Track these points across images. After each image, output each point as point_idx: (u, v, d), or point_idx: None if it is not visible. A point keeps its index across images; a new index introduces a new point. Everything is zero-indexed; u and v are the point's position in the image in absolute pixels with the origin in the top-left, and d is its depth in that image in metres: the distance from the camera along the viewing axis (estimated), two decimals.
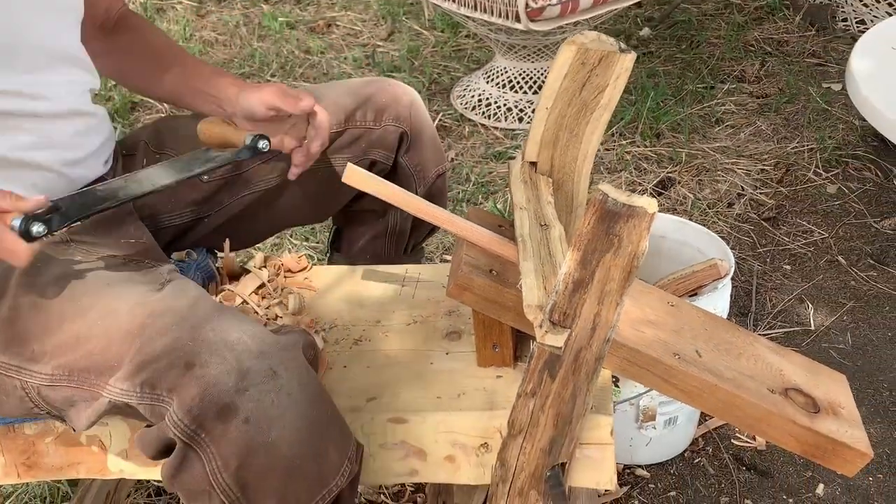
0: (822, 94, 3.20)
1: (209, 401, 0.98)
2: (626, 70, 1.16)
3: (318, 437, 1.03)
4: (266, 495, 1.01)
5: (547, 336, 0.97)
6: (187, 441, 0.99)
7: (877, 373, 2.10)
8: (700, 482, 1.88)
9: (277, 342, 1.04)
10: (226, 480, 1.00)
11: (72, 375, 1.07)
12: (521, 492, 1.07)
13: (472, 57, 3.54)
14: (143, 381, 1.01)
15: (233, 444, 0.98)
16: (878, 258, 2.47)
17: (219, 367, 0.99)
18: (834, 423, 1.14)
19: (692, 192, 2.72)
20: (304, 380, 1.03)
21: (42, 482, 1.84)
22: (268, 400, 0.99)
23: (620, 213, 0.91)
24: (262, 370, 1.00)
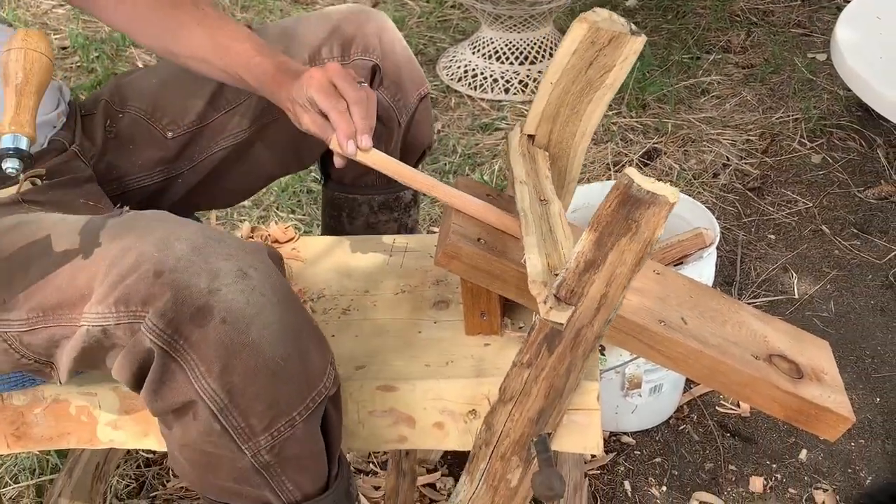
0: (807, 64, 3.20)
1: (183, 303, 0.96)
2: (634, 52, 1.17)
3: (298, 338, 1.01)
4: (253, 398, 0.99)
5: (551, 312, 0.97)
6: (166, 348, 0.97)
7: (859, 340, 2.13)
8: (685, 448, 1.90)
9: (243, 246, 1.03)
10: (211, 386, 0.98)
11: (46, 314, 1.04)
12: (504, 456, 1.08)
13: (458, 27, 3.52)
14: (116, 300, 0.98)
15: (213, 346, 0.96)
16: (862, 227, 2.49)
17: (188, 270, 0.97)
18: (817, 388, 1.15)
19: (678, 162, 2.73)
20: (276, 282, 1.01)
21: (31, 454, 1.85)
22: (242, 299, 0.97)
23: (643, 200, 0.91)
24: (233, 270, 0.98)
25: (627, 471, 1.86)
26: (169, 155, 1.40)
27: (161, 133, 1.39)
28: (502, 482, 1.09)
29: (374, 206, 1.55)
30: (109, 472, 1.72)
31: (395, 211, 1.58)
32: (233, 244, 1.02)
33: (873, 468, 1.84)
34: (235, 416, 1.00)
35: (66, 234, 1.07)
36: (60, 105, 1.33)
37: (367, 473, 1.85)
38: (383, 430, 1.19)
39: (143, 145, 1.38)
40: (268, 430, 1.01)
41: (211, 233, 1.03)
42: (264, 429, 1.01)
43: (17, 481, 1.83)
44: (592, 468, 1.85)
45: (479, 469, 1.09)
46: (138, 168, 1.39)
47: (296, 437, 1.03)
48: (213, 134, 1.40)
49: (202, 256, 0.99)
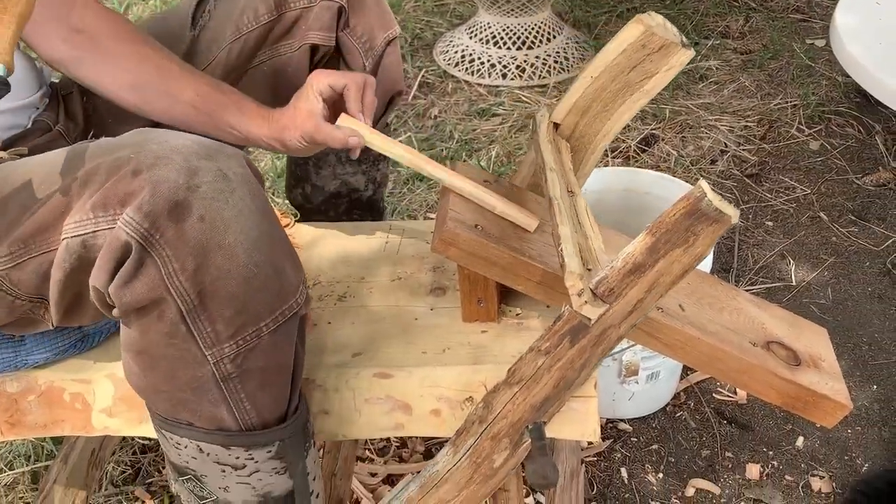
0: (805, 50, 3.19)
1: (161, 197, 0.94)
2: (680, 64, 1.16)
3: (274, 250, 0.99)
4: (223, 303, 0.97)
5: (585, 307, 0.96)
6: (142, 242, 0.94)
7: (856, 327, 2.13)
8: (682, 435, 1.90)
9: (223, 148, 1.00)
10: (182, 284, 0.95)
11: (28, 244, 1.02)
12: (496, 437, 1.08)
13: (455, 12, 3.50)
14: (94, 205, 0.96)
15: (189, 243, 0.94)
16: (860, 214, 2.48)
17: (167, 167, 0.95)
18: (815, 375, 1.15)
19: (675, 148, 2.72)
20: (254, 189, 1.00)
21: (26, 441, 1.84)
22: (221, 199, 0.95)
23: (708, 216, 0.91)
24: (212, 170, 0.96)
25: (624, 458, 1.86)
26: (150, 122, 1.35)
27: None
28: (486, 461, 1.08)
29: (340, 156, 1.53)
30: (105, 459, 1.72)
31: (364, 164, 1.56)
32: (212, 146, 1.00)
33: (870, 455, 1.84)
34: (203, 318, 0.97)
35: (44, 165, 1.04)
36: (42, 87, 1.32)
37: (363, 460, 1.85)
38: (380, 417, 1.19)
39: (121, 119, 1.35)
40: (233, 337, 0.99)
41: (190, 135, 1.01)
42: (230, 336, 0.99)
43: (13, 468, 1.82)
44: (589, 455, 1.85)
45: (466, 444, 1.08)
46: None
47: (261, 348, 1.01)
48: None
49: (181, 154, 0.96)
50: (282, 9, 1.38)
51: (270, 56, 1.40)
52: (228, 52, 1.38)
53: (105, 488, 1.80)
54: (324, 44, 1.40)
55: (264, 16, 1.37)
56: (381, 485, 1.79)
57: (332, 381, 1.18)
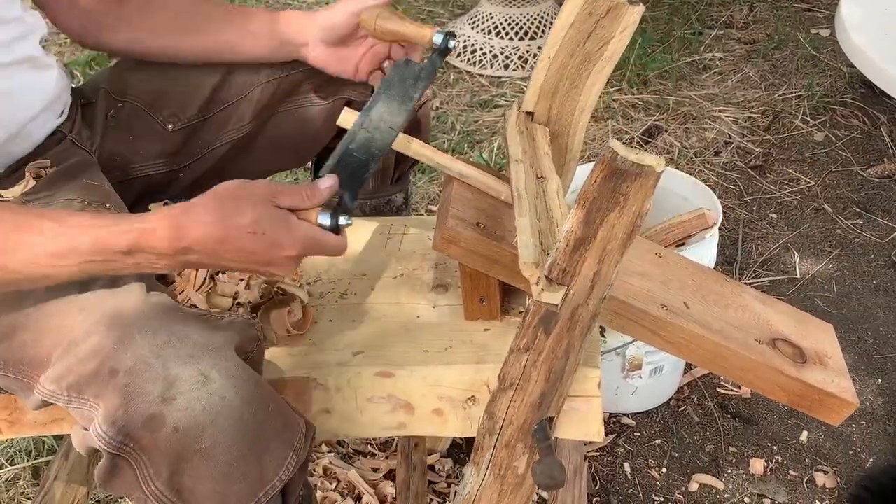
0: (810, 40, 3.17)
1: (133, 412, 0.93)
2: (632, 23, 1.14)
3: (257, 436, 0.98)
4: (203, 499, 0.97)
5: (544, 294, 0.95)
6: (114, 452, 0.95)
7: (861, 321, 2.12)
8: (685, 430, 1.89)
9: (210, 344, 0.99)
10: (158, 488, 0.96)
11: (8, 365, 1.04)
12: (508, 444, 1.07)
13: (457, 2, 3.48)
14: (70, 385, 0.97)
15: (163, 453, 0.94)
16: (864, 206, 2.47)
17: (143, 375, 0.94)
18: (821, 372, 1.14)
19: (679, 140, 2.70)
20: (239, 381, 0.98)
21: (27, 437, 1.84)
22: (198, 407, 0.94)
23: (629, 172, 0.89)
24: (192, 376, 0.95)
25: (627, 452, 1.85)
26: (170, 148, 1.39)
27: (161, 125, 1.38)
28: (509, 470, 1.07)
29: (365, 210, 1.56)
30: None
31: (387, 214, 1.58)
32: (198, 342, 0.98)
33: (874, 450, 1.83)
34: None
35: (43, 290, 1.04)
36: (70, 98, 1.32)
37: (364, 455, 1.84)
38: (382, 416, 1.18)
39: (144, 135, 1.37)
40: None
41: (176, 328, 0.99)
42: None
43: (13, 463, 1.82)
44: (592, 450, 1.84)
45: (485, 459, 1.07)
46: (140, 157, 1.38)
47: None
48: (215, 128, 1.40)
49: (161, 360, 0.95)
50: None
51: (302, 104, 1.41)
52: (261, 91, 1.39)
53: None
54: (358, 100, 1.41)
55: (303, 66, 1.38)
56: (383, 480, 1.79)
57: (333, 380, 1.16)
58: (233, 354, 1.00)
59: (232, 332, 1.03)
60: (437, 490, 1.77)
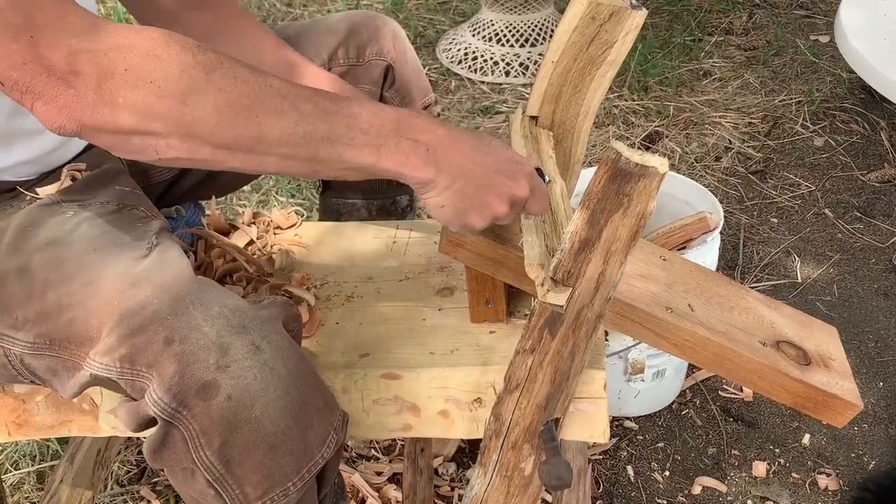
0: (809, 46, 3.18)
1: (189, 378, 0.95)
2: (635, 27, 1.14)
3: (302, 410, 1.01)
4: (250, 470, 0.99)
5: (549, 294, 0.96)
6: (168, 419, 0.97)
7: (862, 324, 2.12)
8: (688, 433, 1.90)
9: (258, 316, 1.02)
10: (209, 458, 0.98)
11: (53, 344, 1.04)
12: (515, 445, 1.07)
13: (458, 9, 3.50)
14: (123, 357, 0.98)
15: (215, 421, 0.96)
16: (865, 211, 2.48)
17: (198, 343, 0.96)
18: (825, 375, 1.14)
19: (680, 145, 2.71)
20: (287, 353, 1.01)
21: (32, 441, 1.84)
22: (250, 375, 0.96)
23: (632, 173, 0.89)
24: (244, 345, 0.97)
25: (630, 456, 1.85)
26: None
27: None
28: (516, 472, 1.08)
29: (372, 210, 1.57)
30: (111, 459, 1.72)
31: (393, 215, 1.59)
32: (248, 314, 1.01)
33: (876, 453, 1.84)
34: (231, 484, 1.00)
35: (89, 266, 1.06)
36: None
37: (368, 459, 1.85)
38: (388, 418, 1.18)
39: None
40: (261, 498, 1.01)
41: (227, 300, 1.02)
42: (258, 497, 1.01)
43: (18, 468, 1.82)
44: (595, 453, 1.85)
45: (492, 461, 1.08)
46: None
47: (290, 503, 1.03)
48: None
49: (214, 328, 0.98)
50: (332, 63, 1.42)
51: None
52: None
53: (111, 488, 1.80)
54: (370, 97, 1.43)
55: None
56: (387, 483, 1.79)
57: (339, 382, 1.17)
58: (280, 328, 1.02)
59: (277, 309, 1.06)
60: (441, 494, 1.77)
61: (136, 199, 1.23)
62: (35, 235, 1.11)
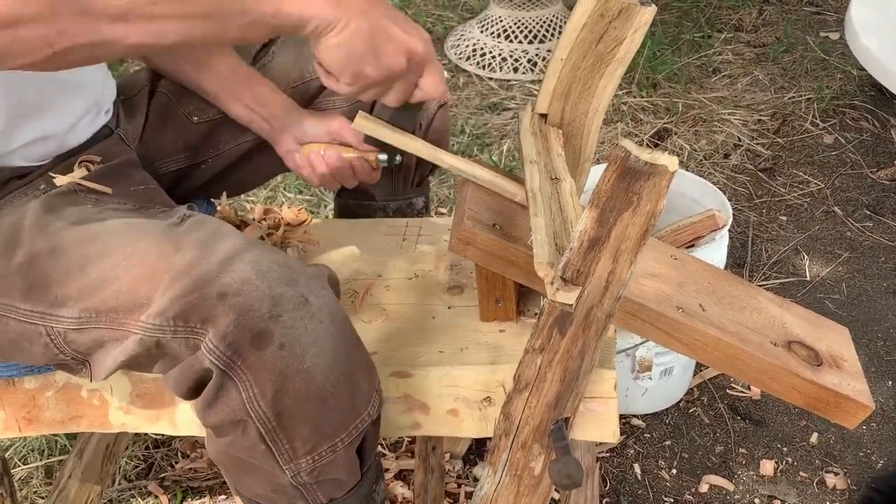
0: (819, 43, 3.17)
1: (244, 327, 0.97)
2: (644, 24, 1.14)
3: (348, 365, 1.03)
4: (301, 422, 1.01)
5: (559, 293, 0.96)
6: (224, 369, 0.98)
7: (871, 323, 2.12)
8: (695, 431, 1.89)
9: (306, 271, 1.04)
10: (262, 408, 0.99)
11: (100, 316, 1.04)
12: (525, 445, 1.07)
13: (466, 5, 3.49)
14: (176, 315, 0.99)
15: (269, 370, 0.98)
16: (875, 209, 2.47)
17: (251, 294, 0.98)
18: (836, 375, 1.14)
19: (689, 142, 2.70)
20: (333, 308, 1.03)
21: (40, 436, 1.84)
22: (301, 326, 0.99)
23: (641, 171, 0.89)
24: (294, 297, 0.99)
25: (637, 454, 1.85)
26: (193, 140, 1.40)
27: (187, 116, 1.39)
28: (525, 471, 1.08)
29: (388, 211, 1.57)
30: (119, 454, 1.72)
31: (408, 216, 1.59)
32: (296, 269, 1.03)
33: (885, 452, 1.83)
34: (281, 437, 1.02)
35: (128, 239, 1.07)
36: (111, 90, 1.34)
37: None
38: (397, 416, 1.18)
39: (172, 127, 1.39)
40: (310, 453, 1.04)
41: (274, 255, 1.04)
42: (307, 452, 1.03)
43: (27, 462, 1.83)
44: (602, 451, 1.85)
45: (501, 460, 1.08)
46: (166, 152, 1.39)
47: (336, 461, 1.06)
48: (238, 126, 1.41)
49: (266, 281, 1.00)
50: None
51: (323, 106, 1.43)
52: (292, 94, 1.40)
53: (119, 483, 1.80)
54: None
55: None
56: (394, 480, 1.79)
57: None
58: (326, 284, 1.05)
59: (321, 267, 1.09)
60: (448, 491, 1.77)
61: (151, 198, 1.23)
62: (59, 218, 1.12)
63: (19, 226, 1.11)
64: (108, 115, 1.31)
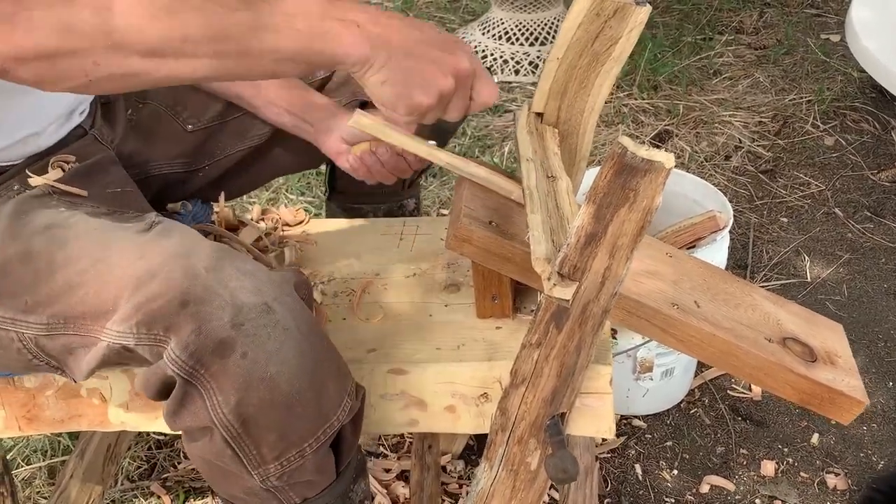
0: (820, 45, 3.18)
1: (206, 336, 0.97)
2: (640, 23, 1.15)
3: (315, 372, 1.02)
4: (266, 430, 1.01)
5: (555, 289, 0.96)
6: (186, 378, 0.98)
7: (872, 324, 2.12)
8: (696, 432, 1.90)
9: (270, 278, 1.04)
10: (227, 416, 0.99)
11: (68, 322, 1.05)
12: (521, 440, 1.08)
13: (468, 8, 3.50)
14: (139, 322, 1.00)
15: (232, 379, 0.98)
16: (875, 210, 2.47)
17: (213, 303, 0.98)
18: (830, 371, 1.14)
19: (689, 144, 2.71)
20: (299, 316, 1.03)
21: (42, 436, 1.85)
22: (264, 334, 0.98)
23: (638, 168, 0.90)
24: (257, 305, 0.99)
25: (638, 454, 1.85)
26: (189, 148, 1.41)
27: (181, 125, 1.40)
28: (522, 466, 1.08)
29: (379, 214, 1.58)
30: (121, 454, 1.73)
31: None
32: (260, 277, 1.03)
33: (885, 452, 1.83)
34: (248, 443, 1.02)
35: (95, 244, 1.07)
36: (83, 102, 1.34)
37: (377, 456, 1.85)
38: (395, 413, 1.19)
39: (164, 136, 1.39)
40: (278, 459, 1.03)
41: (239, 263, 1.04)
42: (275, 458, 1.03)
43: (29, 463, 1.84)
44: (603, 451, 1.85)
45: (498, 455, 1.08)
46: (159, 156, 1.40)
47: (305, 466, 1.05)
48: (234, 133, 1.42)
49: (228, 290, 1.00)
50: None
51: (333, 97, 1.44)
52: None
53: (121, 483, 1.81)
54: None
55: (320, 73, 1.42)
56: (395, 480, 1.80)
57: None
58: (293, 291, 1.04)
59: (289, 273, 1.08)
60: (449, 491, 1.78)
61: (126, 202, 1.23)
62: (30, 221, 1.12)
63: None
64: (83, 116, 1.31)
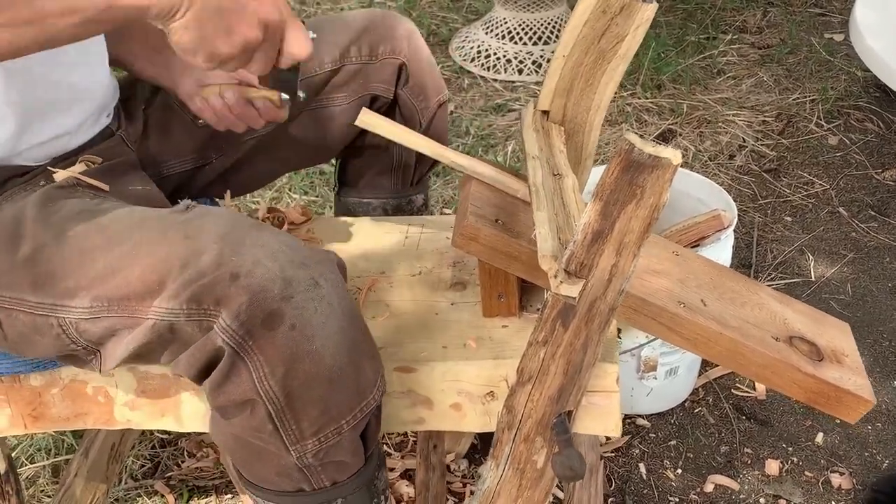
0: (824, 44, 3.17)
1: (257, 307, 0.99)
2: (646, 20, 1.15)
3: (355, 349, 1.05)
4: (309, 403, 1.02)
5: (562, 286, 0.96)
6: (236, 348, 0.99)
7: (877, 323, 2.12)
8: (700, 431, 1.89)
9: (315, 254, 1.06)
10: (272, 388, 1.01)
11: (112, 305, 1.05)
12: (527, 438, 1.08)
13: (471, 7, 3.50)
14: (190, 297, 1.01)
15: (279, 350, 0.99)
16: (880, 209, 2.47)
17: (264, 276, 1.00)
18: (837, 370, 1.14)
19: (693, 144, 2.71)
20: (342, 292, 1.05)
21: (46, 434, 1.85)
22: (311, 308, 1.00)
23: (645, 164, 0.89)
24: (305, 279, 1.01)
25: (642, 453, 1.85)
26: (199, 143, 1.41)
27: (191, 119, 1.40)
28: (528, 464, 1.08)
29: (388, 209, 1.58)
30: (125, 453, 1.73)
31: (408, 214, 1.61)
32: (306, 252, 1.05)
33: (890, 452, 1.83)
34: (289, 418, 1.03)
35: (134, 228, 1.08)
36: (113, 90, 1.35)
37: None
38: (401, 411, 1.19)
39: (177, 131, 1.40)
40: (316, 434, 1.05)
41: (285, 238, 1.06)
42: (313, 433, 1.05)
43: (33, 461, 1.84)
44: (607, 451, 1.85)
45: (504, 453, 1.08)
46: (172, 155, 1.40)
47: (341, 444, 1.07)
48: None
49: (277, 262, 1.01)
50: (344, 60, 1.43)
51: (325, 104, 1.45)
52: None
53: (125, 482, 1.81)
54: (384, 95, 1.45)
55: (328, 65, 1.42)
56: (399, 479, 1.80)
57: None
58: (335, 268, 1.06)
59: (332, 253, 1.10)
60: (453, 490, 1.77)
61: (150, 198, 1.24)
62: (60, 208, 1.13)
63: (21, 219, 1.12)
64: (110, 118, 1.32)
